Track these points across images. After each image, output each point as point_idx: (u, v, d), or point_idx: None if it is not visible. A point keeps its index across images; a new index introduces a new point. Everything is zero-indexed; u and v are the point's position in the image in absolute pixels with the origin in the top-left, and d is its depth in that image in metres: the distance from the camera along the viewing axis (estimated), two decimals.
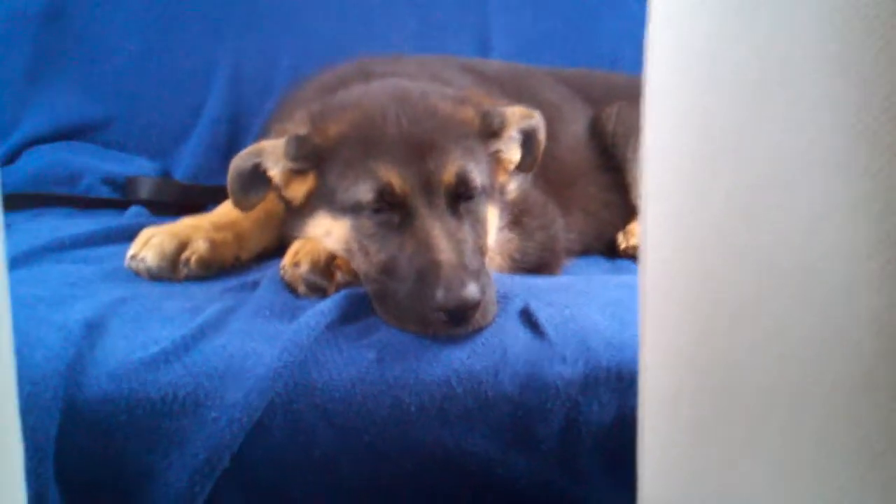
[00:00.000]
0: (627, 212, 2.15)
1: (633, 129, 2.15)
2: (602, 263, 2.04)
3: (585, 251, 2.03)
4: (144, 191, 2.17)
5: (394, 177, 1.40)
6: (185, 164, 2.42)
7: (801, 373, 0.62)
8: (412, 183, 1.40)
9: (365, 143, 1.44)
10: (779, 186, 0.63)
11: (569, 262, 1.88)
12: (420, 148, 1.42)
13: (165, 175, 2.38)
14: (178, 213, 2.09)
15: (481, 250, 1.47)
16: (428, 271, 1.32)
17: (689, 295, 0.74)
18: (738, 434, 0.68)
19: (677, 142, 0.75)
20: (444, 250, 1.34)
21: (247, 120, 2.47)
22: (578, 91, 2.31)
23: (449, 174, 1.42)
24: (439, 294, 1.27)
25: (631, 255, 2.07)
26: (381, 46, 2.38)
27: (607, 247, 2.13)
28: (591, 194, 2.11)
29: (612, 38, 2.70)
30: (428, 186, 1.41)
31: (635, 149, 2.12)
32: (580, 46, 2.68)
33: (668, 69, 0.76)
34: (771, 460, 0.65)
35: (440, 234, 1.37)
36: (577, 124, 2.18)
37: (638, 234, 2.07)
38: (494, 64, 2.32)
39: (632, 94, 2.23)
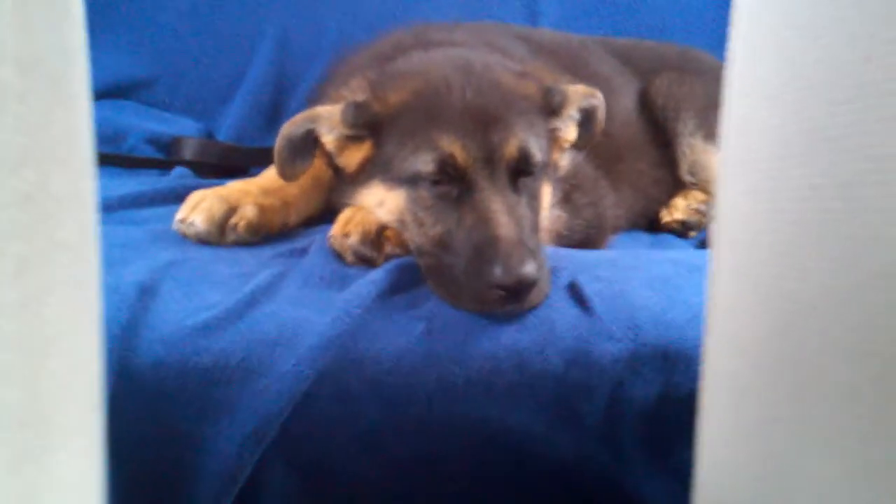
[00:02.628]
0: (675, 187, 2.14)
1: (682, 103, 2.13)
2: (643, 237, 2.03)
3: (631, 227, 2.02)
4: (188, 151, 2.17)
5: (456, 148, 1.37)
6: (229, 126, 2.43)
7: (886, 372, 0.61)
8: (474, 155, 1.37)
9: (427, 112, 1.42)
10: (874, 181, 0.61)
11: (614, 238, 1.87)
12: (483, 120, 1.40)
13: (209, 136, 2.39)
14: (222, 174, 2.11)
15: (537, 228, 1.45)
16: (486, 247, 1.29)
17: (763, 285, 0.72)
18: (812, 433, 0.67)
19: (763, 124, 0.72)
20: (504, 226, 1.32)
21: (291, 83, 2.48)
22: (627, 62, 2.28)
23: (511, 148, 1.40)
24: (497, 271, 1.25)
25: (672, 229, 2.06)
26: (427, 13, 2.37)
27: (650, 221, 2.12)
28: (640, 170, 2.09)
29: (661, 6, 2.67)
30: (490, 160, 1.38)
31: (685, 123, 2.10)
32: (628, 15, 2.66)
33: (759, 37, 0.74)
34: (848, 461, 0.64)
35: (500, 209, 1.34)
36: (627, 98, 2.16)
37: (681, 207, 2.06)
38: (547, 33, 2.30)
39: (680, 66, 2.25)
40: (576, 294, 1.35)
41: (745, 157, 0.76)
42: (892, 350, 0.60)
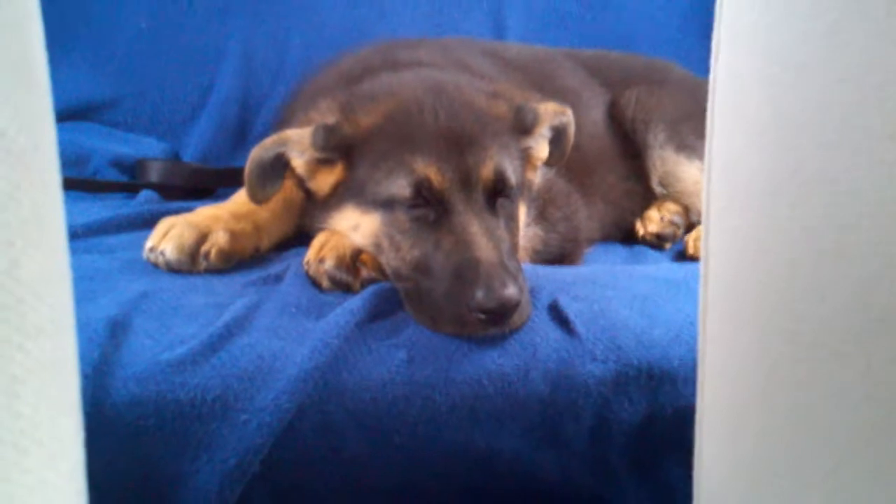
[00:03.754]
0: (646, 198, 2.14)
1: (652, 115, 2.13)
2: (619, 250, 2.03)
3: (604, 239, 2.01)
4: (154, 174, 2.13)
5: (432, 171, 1.36)
6: (194, 145, 2.40)
7: (889, 413, 0.60)
8: (450, 178, 1.36)
9: (400, 135, 1.40)
10: (874, 225, 0.60)
11: (589, 251, 1.86)
12: (458, 143, 1.39)
13: (174, 156, 2.35)
14: (189, 196, 2.07)
15: (516, 249, 1.44)
16: (466, 270, 1.28)
17: (756, 324, 0.71)
18: (811, 474, 0.66)
19: (749, 163, 0.71)
20: (484, 248, 1.30)
21: (257, 101, 2.45)
22: (595, 74, 2.28)
23: (487, 170, 1.39)
24: (479, 294, 1.24)
25: (648, 242, 2.06)
26: (393, 27, 2.36)
27: (624, 233, 2.11)
28: (611, 182, 2.08)
29: (626, 17, 2.68)
30: (466, 182, 1.37)
31: (655, 135, 2.10)
32: (593, 27, 2.67)
33: (744, 71, 0.73)
34: (848, 500, 0.63)
35: (479, 232, 1.33)
36: (596, 110, 2.15)
37: (655, 220, 2.06)
38: (513, 48, 2.29)
39: (648, 77, 2.25)
40: (557, 315, 1.34)
41: (732, 195, 0.75)
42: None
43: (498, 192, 1.41)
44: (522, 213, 1.55)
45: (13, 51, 0.57)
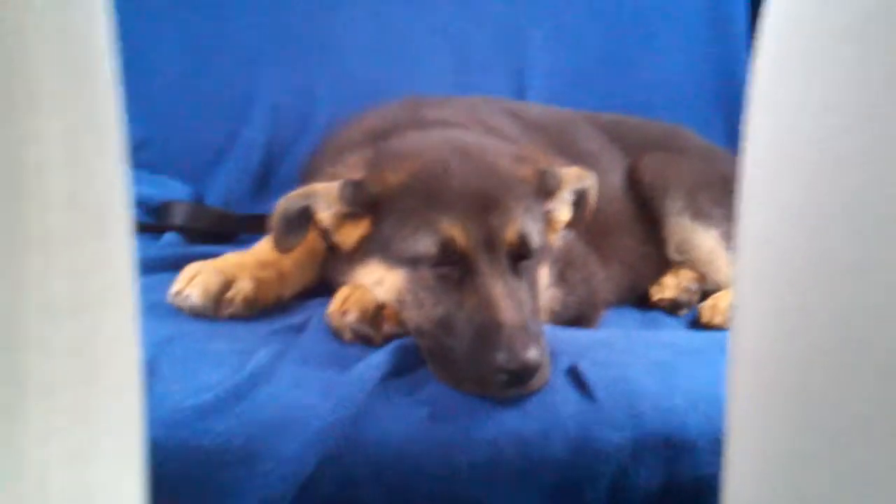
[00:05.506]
0: (662, 264, 2.15)
1: (670, 182, 2.15)
2: (634, 314, 2.03)
3: (620, 302, 2.02)
4: (178, 217, 2.15)
5: (457, 231, 1.38)
6: (218, 190, 2.42)
7: None
8: (475, 239, 1.38)
9: (426, 194, 1.42)
10: None
11: (605, 313, 1.87)
12: (483, 204, 1.40)
13: (198, 200, 2.37)
14: (212, 240, 2.09)
15: (537, 311, 1.45)
16: (489, 331, 1.29)
17: (786, 406, 0.72)
18: None
19: (784, 236, 0.72)
20: (507, 310, 1.32)
21: (282, 149, 2.48)
22: (614, 138, 2.30)
23: (512, 233, 1.40)
24: (500, 356, 1.25)
25: (663, 308, 2.07)
26: (418, 82, 2.39)
27: (639, 297, 2.13)
28: (628, 246, 2.10)
29: (646, 82, 2.72)
30: (490, 244, 1.38)
31: (673, 202, 2.12)
32: (613, 90, 2.71)
33: (778, 154, 0.74)
34: None
35: (502, 293, 1.34)
36: (614, 174, 2.17)
37: (671, 286, 2.07)
38: (535, 109, 2.31)
39: (666, 144, 2.28)
40: (576, 379, 1.35)
41: (761, 276, 0.76)
42: None
43: (521, 255, 1.42)
44: (544, 275, 1.57)
45: (98, 120, 0.60)
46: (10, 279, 0.54)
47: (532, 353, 1.26)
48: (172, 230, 2.10)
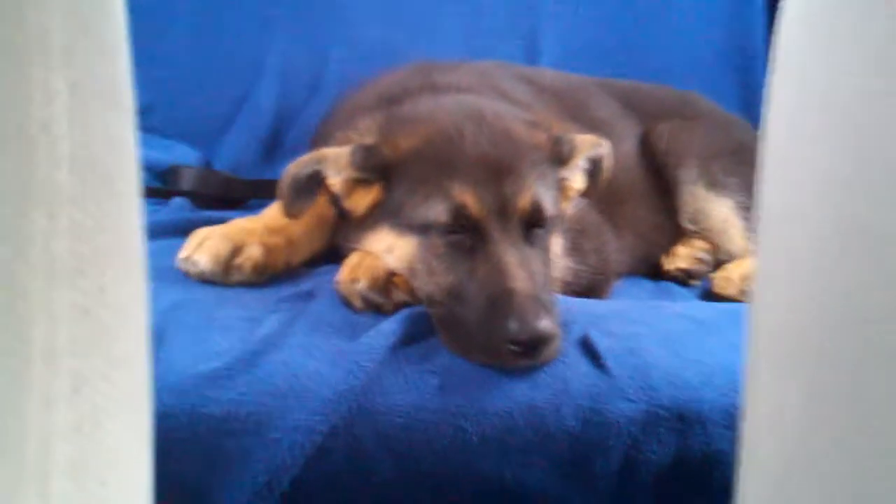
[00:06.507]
0: (675, 233, 2.13)
1: (684, 150, 2.12)
2: (646, 284, 2.01)
3: (632, 272, 2.00)
4: (186, 181, 2.14)
5: (470, 198, 1.36)
6: (226, 154, 2.41)
7: None
8: (488, 206, 1.36)
9: (439, 160, 1.40)
10: None
11: (617, 283, 1.85)
12: (497, 171, 1.38)
13: (206, 164, 2.35)
14: (220, 205, 2.07)
15: (550, 281, 1.44)
16: (501, 299, 1.27)
17: (806, 377, 0.70)
18: None
19: (807, 205, 0.70)
20: (519, 278, 1.30)
21: (291, 114, 2.46)
22: (628, 105, 2.27)
23: (525, 200, 1.38)
24: (512, 325, 1.23)
25: (674, 277, 2.05)
26: (429, 48, 2.36)
27: (651, 267, 2.11)
28: (641, 215, 2.08)
29: (660, 50, 2.68)
30: (503, 211, 1.36)
31: (687, 170, 2.10)
32: (628, 57, 2.67)
33: (801, 123, 0.72)
34: None
35: (514, 262, 1.33)
36: (628, 142, 2.14)
37: (683, 256, 2.05)
38: (548, 74, 2.28)
39: (681, 111, 2.25)
40: (588, 350, 1.33)
41: (782, 246, 0.74)
42: None
43: (534, 223, 1.40)
44: (556, 244, 1.55)
45: (106, 76, 0.58)
46: (12, 238, 0.52)
47: (544, 324, 1.24)
48: (180, 195, 2.09)
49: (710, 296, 1.91)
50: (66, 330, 0.54)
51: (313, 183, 1.47)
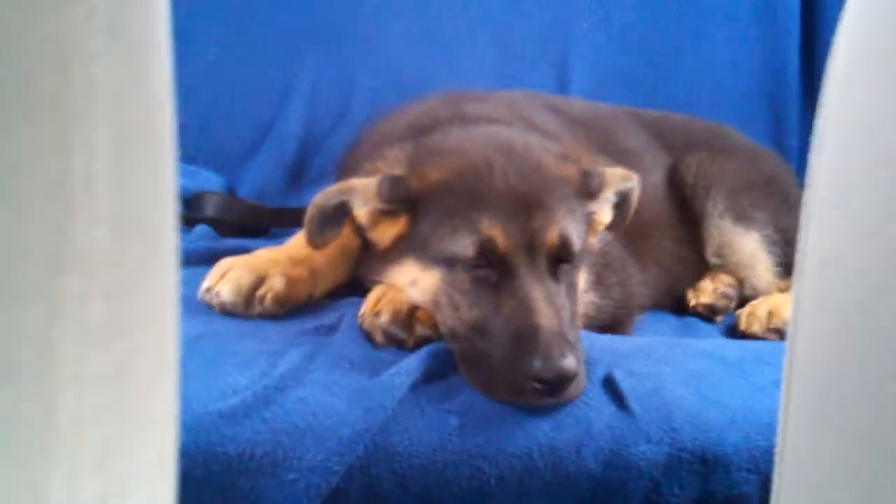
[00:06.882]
0: (700, 267, 2.11)
1: (712, 183, 2.10)
2: (670, 320, 1.99)
3: (656, 306, 1.98)
4: (210, 208, 2.14)
5: (497, 232, 1.34)
6: (250, 181, 2.42)
7: None
8: (515, 240, 1.34)
9: (467, 193, 1.38)
10: None
11: (640, 318, 1.83)
12: (526, 205, 1.37)
13: (230, 191, 2.36)
14: (243, 233, 2.08)
15: (575, 317, 1.42)
16: (526, 336, 1.26)
17: (847, 434, 0.68)
18: None
19: (856, 253, 0.68)
20: (545, 315, 1.28)
21: (317, 141, 2.46)
22: (657, 136, 2.25)
23: (553, 236, 1.37)
24: (537, 363, 1.22)
25: (699, 313, 2.02)
26: (460, 76, 2.36)
27: (675, 301, 2.08)
28: (667, 248, 2.05)
29: (691, 80, 2.66)
30: (530, 246, 1.35)
31: (714, 203, 2.08)
32: (657, 87, 2.66)
33: (853, 167, 0.70)
34: None
35: (541, 298, 1.31)
36: (656, 173, 2.13)
37: (707, 291, 2.02)
38: (577, 104, 2.27)
39: (710, 143, 2.23)
40: (612, 390, 1.32)
41: (828, 295, 0.72)
42: None
43: (562, 258, 1.39)
44: (582, 279, 1.53)
45: (152, 130, 0.57)
46: (47, 299, 0.51)
47: (569, 362, 1.23)
48: (204, 222, 2.09)
49: (735, 332, 1.89)
50: (95, 395, 0.53)
51: (340, 213, 1.46)
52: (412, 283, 1.44)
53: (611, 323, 1.68)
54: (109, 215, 0.53)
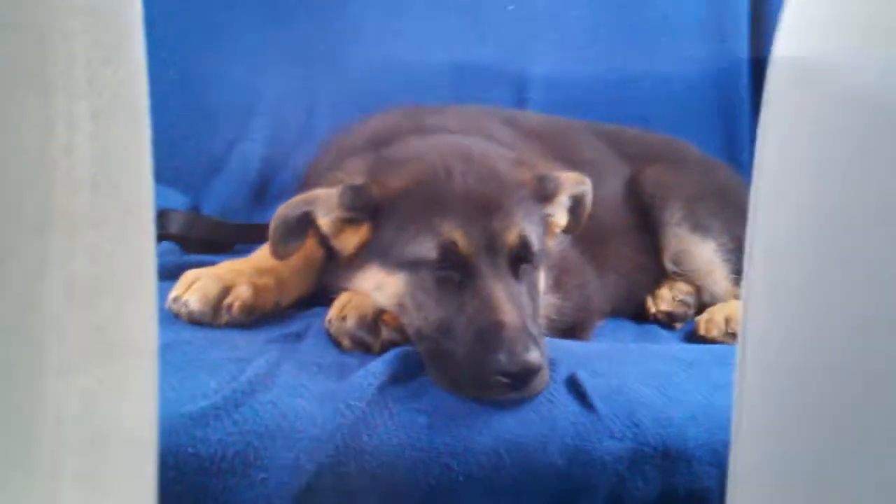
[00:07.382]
0: (658, 275, 2.15)
1: (669, 193, 2.15)
2: (630, 327, 2.02)
3: (615, 313, 2.01)
4: (175, 225, 2.14)
5: (459, 235, 1.38)
6: (214, 199, 2.41)
7: None
8: (476, 242, 1.38)
9: (427, 198, 1.43)
10: None
11: (600, 324, 1.87)
12: (485, 207, 1.41)
13: (195, 209, 2.36)
14: (208, 250, 2.08)
15: (537, 315, 1.46)
16: (490, 333, 1.30)
17: (798, 412, 0.71)
18: None
19: (798, 240, 0.72)
20: (508, 312, 1.32)
21: (280, 160, 2.47)
22: (613, 147, 2.30)
23: (512, 236, 1.41)
24: (502, 357, 1.25)
25: (659, 320, 2.06)
26: (418, 94, 2.38)
27: (635, 309, 2.12)
28: (625, 255, 2.09)
29: (643, 99, 2.71)
30: (491, 247, 1.39)
31: (672, 212, 2.12)
32: (613, 105, 2.69)
33: (793, 158, 0.74)
34: None
35: (503, 295, 1.35)
36: (613, 183, 2.17)
37: (666, 299, 2.06)
38: (533, 118, 2.31)
39: (668, 155, 2.28)
40: (575, 389, 1.35)
41: (774, 281, 0.76)
42: None
43: (521, 258, 1.43)
44: (542, 279, 1.57)
45: (127, 105, 0.59)
46: (32, 258, 0.53)
47: (533, 355, 1.26)
48: (168, 239, 2.09)
49: (694, 338, 1.92)
50: (81, 348, 0.55)
51: (303, 224, 1.49)
52: (377, 287, 1.47)
53: (572, 325, 1.71)
54: (89, 182, 0.55)
